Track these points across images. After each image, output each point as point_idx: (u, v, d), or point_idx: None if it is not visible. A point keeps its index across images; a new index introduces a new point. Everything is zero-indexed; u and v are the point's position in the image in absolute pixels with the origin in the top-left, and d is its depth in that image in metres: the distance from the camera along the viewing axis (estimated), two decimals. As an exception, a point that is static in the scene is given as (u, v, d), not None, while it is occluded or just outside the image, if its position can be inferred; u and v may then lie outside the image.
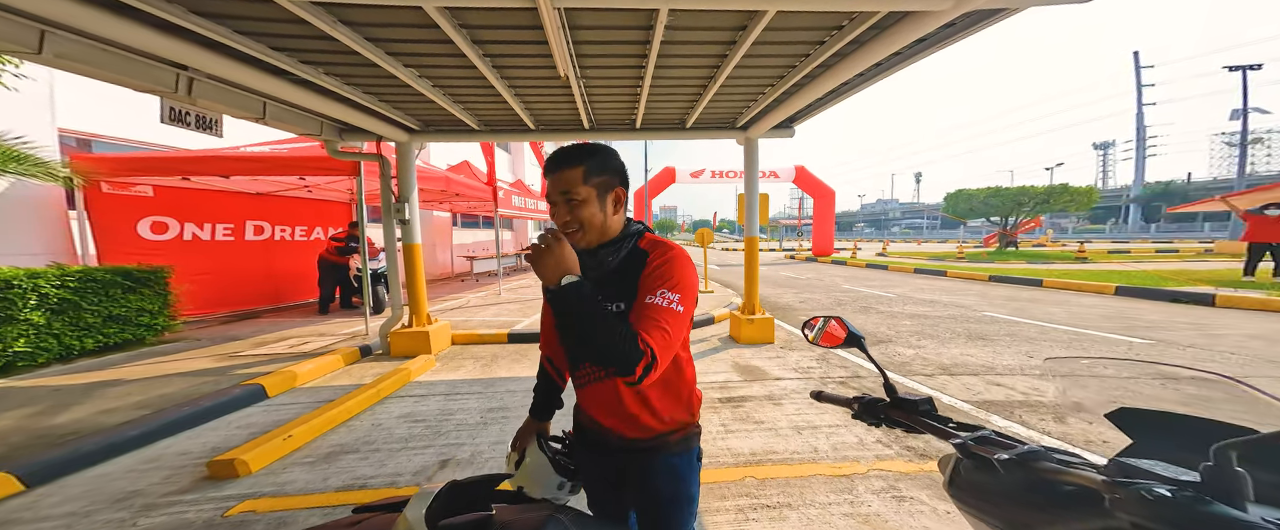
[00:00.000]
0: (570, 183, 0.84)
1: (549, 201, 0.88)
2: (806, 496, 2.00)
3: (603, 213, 0.87)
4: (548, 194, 0.87)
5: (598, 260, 0.90)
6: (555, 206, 0.87)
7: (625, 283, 0.86)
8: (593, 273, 0.90)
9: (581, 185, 0.84)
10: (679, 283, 0.82)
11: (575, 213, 0.85)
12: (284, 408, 3.12)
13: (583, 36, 2.53)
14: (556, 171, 0.85)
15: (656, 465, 0.93)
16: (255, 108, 3.03)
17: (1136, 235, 38.98)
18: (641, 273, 0.85)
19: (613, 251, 0.90)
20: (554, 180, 0.85)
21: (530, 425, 1.09)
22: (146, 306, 4.39)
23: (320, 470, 2.32)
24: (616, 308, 0.86)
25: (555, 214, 0.87)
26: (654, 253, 0.88)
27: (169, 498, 2.06)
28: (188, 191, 5.59)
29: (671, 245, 0.88)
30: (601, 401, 0.94)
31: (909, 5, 1.93)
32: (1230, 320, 5.17)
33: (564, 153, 0.86)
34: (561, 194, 0.85)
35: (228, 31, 2.18)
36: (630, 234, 0.92)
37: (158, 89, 2.42)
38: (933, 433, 0.76)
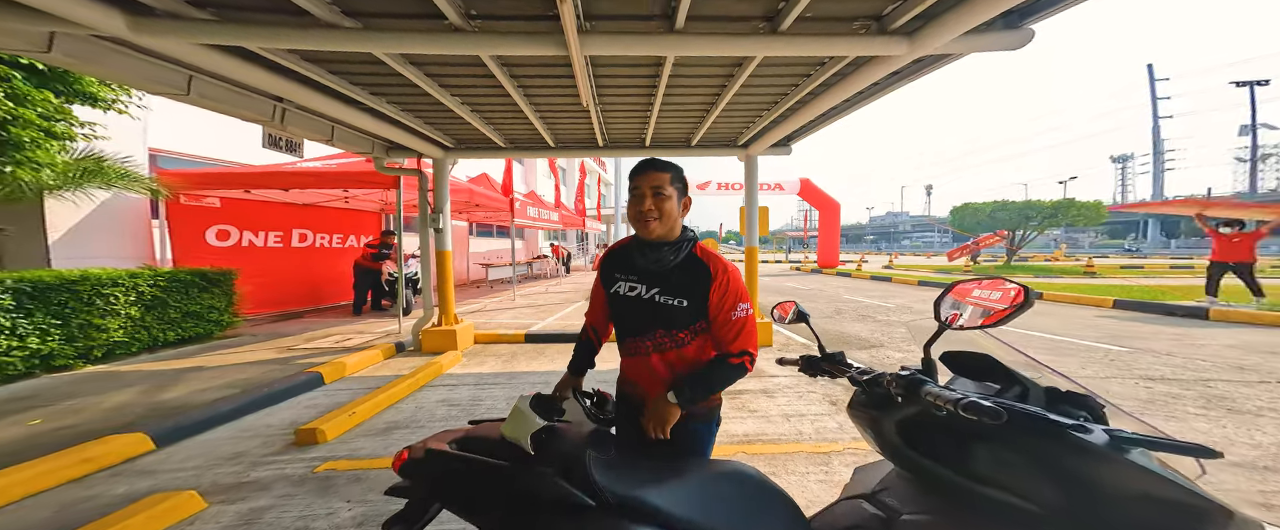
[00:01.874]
0: (662, 181, 1.09)
1: (634, 194, 1.10)
2: (789, 468, 2.34)
3: (677, 211, 1.11)
4: (635, 188, 1.10)
5: (659, 255, 1.12)
6: (641, 198, 1.09)
7: (686, 283, 1.10)
8: (653, 265, 1.12)
9: (669, 185, 1.09)
10: (743, 293, 1.12)
11: (660, 203, 1.08)
12: (340, 392, 3.59)
13: (603, 73, 3.03)
14: (650, 172, 1.09)
15: (684, 428, 1.12)
16: (326, 131, 3.61)
17: (1156, 250, 38.05)
18: (710, 287, 1.09)
19: (673, 251, 1.12)
20: (646, 178, 1.09)
21: (568, 379, 1.29)
22: (216, 304, 4.97)
23: (381, 440, 2.75)
24: (679, 303, 1.09)
25: (638, 204, 1.09)
26: (713, 269, 1.10)
27: (268, 457, 2.51)
28: (246, 203, 6.25)
29: (725, 263, 1.12)
30: (642, 372, 1.17)
31: (871, 51, 2.33)
32: (1216, 333, 5.36)
33: (655, 160, 1.12)
34: (652, 188, 1.08)
35: (322, 71, 2.73)
36: (686, 239, 1.14)
37: (260, 118, 2.99)
38: (841, 374, 1.17)
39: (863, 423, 1.06)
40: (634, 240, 1.20)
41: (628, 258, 1.20)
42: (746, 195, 5.15)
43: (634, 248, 1.18)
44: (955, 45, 2.24)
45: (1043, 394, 0.86)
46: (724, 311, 1.11)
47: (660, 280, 1.14)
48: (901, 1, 2.13)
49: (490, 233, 14.68)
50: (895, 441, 0.96)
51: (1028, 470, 0.77)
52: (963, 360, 1.03)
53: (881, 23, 2.28)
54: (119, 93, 4.10)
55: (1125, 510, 0.71)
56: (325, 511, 1.98)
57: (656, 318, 1.14)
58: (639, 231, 1.15)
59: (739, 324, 1.11)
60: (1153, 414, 2.96)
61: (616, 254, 1.25)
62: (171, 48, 2.09)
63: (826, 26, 2.31)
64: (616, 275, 1.21)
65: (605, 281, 1.25)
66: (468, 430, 1.09)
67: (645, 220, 1.11)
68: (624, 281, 1.19)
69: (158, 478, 2.28)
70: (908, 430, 0.93)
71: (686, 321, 1.13)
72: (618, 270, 1.21)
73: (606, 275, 1.24)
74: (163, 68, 2.44)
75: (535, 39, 2.23)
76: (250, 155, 6.62)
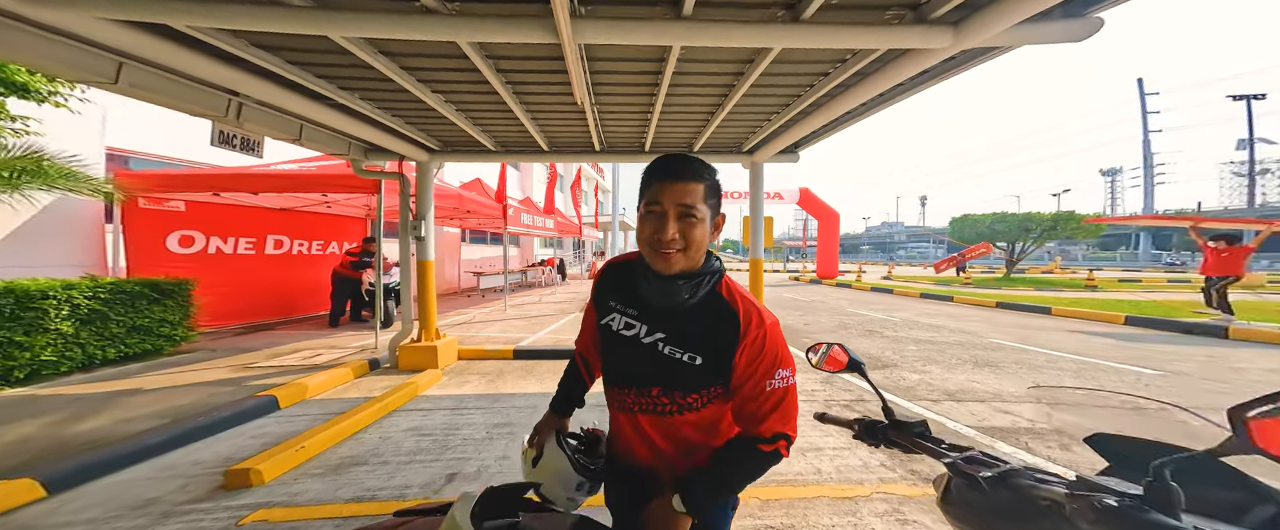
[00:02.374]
0: (694, 197, 0.73)
1: (650, 211, 0.75)
2: (810, 519, 2.00)
3: (705, 238, 0.77)
4: (653, 202, 0.75)
5: (672, 290, 0.79)
6: (659, 219, 0.74)
7: (704, 333, 0.79)
8: (660, 299, 0.80)
9: (702, 203, 0.74)
10: (785, 356, 0.78)
11: (688, 231, 0.74)
12: (295, 419, 3.18)
13: (599, 67, 2.72)
14: (677, 181, 0.73)
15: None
16: (293, 130, 3.25)
17: (1147, 263, 38.40)
18: (738, 345, 0.77)
19: (691, 287, 0.79)
20: (672, 190, 0.73)
21: (550, 420, 1.02)
22: (168, 317, 4.53)
23: (331, 481, 2.36)
24: (690, 359, 0.78)
25: (655, 227, 0.74)
26: (745, 319, 0.78)
27: (185, 505, 2.11)
28: (217, 206, 5.85)
29: (761, 310, 0.80)
30: (629, 435, 0.89)
31: (908, 43, 2.04)
32: (1247, 355, 5.09)
33: (686, 162, 0.75)
34: (680, 207, 0.73)
35: (280, 61, 2.39)
36: (711, 271, 0.81)
37: (211, 113, 2.63)
38: (927, 453, 0.82)
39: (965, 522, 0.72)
40: (642, 262, 0.84)
41: (629, 282, 0.88)
42: (751, 204, 4.85)
43: (640, 273, 0.84)
44: (1007, 36, 1.95)
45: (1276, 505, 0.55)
46: (756, 379, 0.77)
47: (667, 323, 0.82)
48: (943, -14, 1.85)
49: (484, 239, 14.34)
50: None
51: None
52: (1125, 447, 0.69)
53: (919, 11, 2.00)
54: (57, 85, 3.72)
55: None
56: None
57: (657, 372, 0.82)
58: (654, 264, 0.79)
59: (777, 397, 0.77)
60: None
61: (616, 273, 0.93)
62: (72, 23, 1.75)
63: (855, 15, 2.02)
64: (612, 304, 0.90)
65: (599, 307, 0.94)
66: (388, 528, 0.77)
67: (665, 252, 0.76)
68: (620, 314, 0.88)
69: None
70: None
71: (697, 384, 0.81)
72: (616, 296, 0.90)
73: (600, 300, 0.94)
74: (83, 51, 2.09)
75: (521, 23, 1.93)
76: (229, 156, 6.24)
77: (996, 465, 0.71)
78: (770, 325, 0.80)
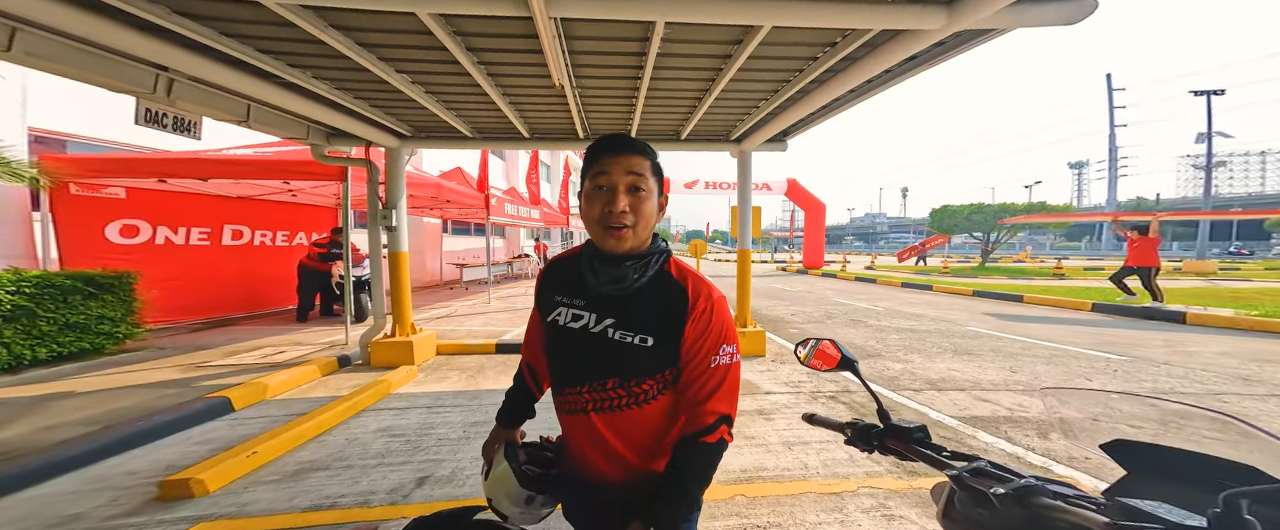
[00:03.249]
0: (642, 169, 0.74)
1: (598, 187, 0.75)
2: (797, 516, 1.95)
3: (653, 213, 0.77)
4: (601, 174, 0.74)
5: (620, 273, 0.78)
6: (610, 193, 0.74)
7: (654, 313, 0.77)
8: (609, 286, 0.78)
9: (649, 176, 0.75)
10: (730, 332, 0.79)
11: (638, 205, 0.74)
12: (251, 422, 2.96)
13: (579, 46, 2.53)
14: (623, 154, 0.74)
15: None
16: (239, 111, 2.95)
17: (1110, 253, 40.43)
18: (686, 321, 0.76)
19: (639, 268, 0.79)
20: (618, 163, 0.74)
21: (497, 433, 1.01)
22: (108, 314, 4.16)
23: (287, 489, 2.18)
24: (641, 342, 0.76)
25: (608, 201, 0.74)
26: (693, 295, 0.78)
27: (113, 521, 1.91)
28: (163, 194, 5.39)
29: (709, 287, 0.80)
30: (583, 438, 0.83)
31: (901, 24, 1.96)
32: (1202, 340, 5.33)
33: (630, 139, 0.77)
34: (630, 176, 0.73)
35: (212, 33, 2.13)
36: (657, 251, 0.81)
37: (134, 89, 2.33)
38: (927, 462, 0.73)
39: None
40: (586, 250, 0.84)
41: (575, 274, 0.85)
42: (739, 194, 4.75)
43: (585, 261, 0.83)
44: (1002, 18, 1.88)
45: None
46: (702, 355, 0.77)
47: (616, 308, 0.79)
48: (939, -41, 1.74)
49: (468, 230, 13.91)
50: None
51: None
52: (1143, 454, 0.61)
53: (914, -14, 1.88)
54: None
55: None
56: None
57: (609, 361, 0.79)
58: (603, 243, 0.78)
59: (721, 374, 0.77)
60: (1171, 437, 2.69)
61: (560, 268, 0.89)
62: None
63: (848, -11, 1.90)
64: (558, 298, 0.85)
65: (542, 304, 0.90)
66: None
67: (617, 228, 0.75)
68: (567, 307, 0.84)
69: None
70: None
71: (650, 367, 0.78)
72: (560, 291, 0.86)
73: (545, 297, 0.89)
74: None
75: (487, -9, 1.74)
76: (174, 141, 5.75)
77: (1008, 479, 0.62)
78: (717, 300, 0.79)
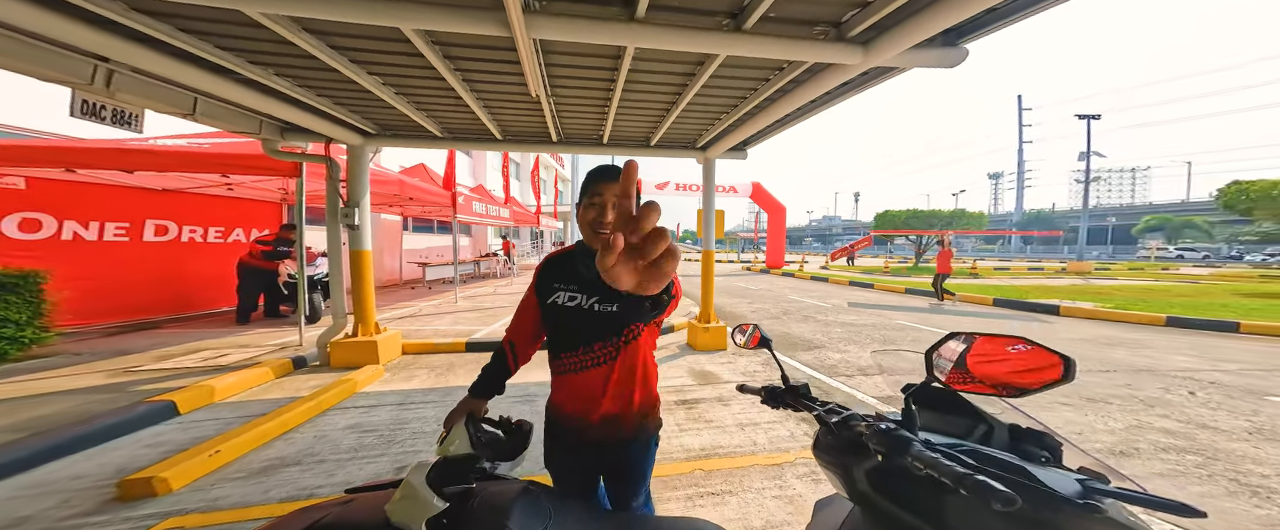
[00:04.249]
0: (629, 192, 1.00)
1: (592, 203, 1.01)
2: (745, 484, 2.26)
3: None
4: (593, 196, 1.01)
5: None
6: (600, 208, 1.00)
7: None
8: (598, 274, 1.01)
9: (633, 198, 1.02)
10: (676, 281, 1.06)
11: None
12: (202, 424, 2.84)
13: (555, 61, 2.71)
14: (613, 181, 1.01)
15: (630, 454, 1.11)
16: (184, 103, 2.80)
17: (1016, 255, 46.37)
18: None
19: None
20: (609, 187, 1.01)
21: (465, 403, 1.12)
22: (11, 317, 3.71)
23: (258, 484, 2.18)
24: (612, 308, 1.03)
25: (598, 213, 1.01)
26: None
27: (71, 521, 1.85)
28: (72, 184, 4.81)
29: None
30: (578, 390, 1.08)
31: (829, 58, 2.34)
32: (1066, 326, 6.54)
33: (616, 169, 1.02)
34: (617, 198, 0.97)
35: (169, 29, 2.07)
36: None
37: (70, 80, 2.18)
38: (806, 409, 1.04)
39: (830, 468, 0.95)
40: (578, 248, 1.12)
41: (570, 266, 1.11)
42: (704, 198, 5.10)
43: (578, 257, 1.11)
44: (902, 58, 2.31)
45: (1006, 433, 0.83)
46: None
47: (602, 289, 1.06)
48: (858, 10, 2.13)
49: (430, 228, 13.26)
50: (865, 490, 0.85)
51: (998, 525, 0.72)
52: (928, 395, 0.95)
53: (840, 29, 2.27)
54: None
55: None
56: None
57: (597, 326, 1.06)
58: (594, 243, 1.05)
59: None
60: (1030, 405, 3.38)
61: (557, 263, 1.15)
62: None
63: (788, 29, 2.26)
64: (556, 285, 1.11)
65: (541, 292, 1.14)
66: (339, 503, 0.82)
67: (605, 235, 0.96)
68: (564, 291, 1.10)
69: None
70: (879, 479, 0.83)
71: (622, 323, 1.06)
72: (557, 280, 1.12)
73: (543, 286, 1.14)
74: None
75: (472, 15, 1.89)
76: (80, 126, 5.12)
77: (841, 413, 0.94)
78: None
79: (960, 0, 1.84)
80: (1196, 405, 3.39)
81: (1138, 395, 3.62)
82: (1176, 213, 42.98)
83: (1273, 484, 2.28)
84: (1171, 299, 8.59)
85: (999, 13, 2.13)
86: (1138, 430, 2.93)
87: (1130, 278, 15.76)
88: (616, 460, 1.12)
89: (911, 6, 2.02)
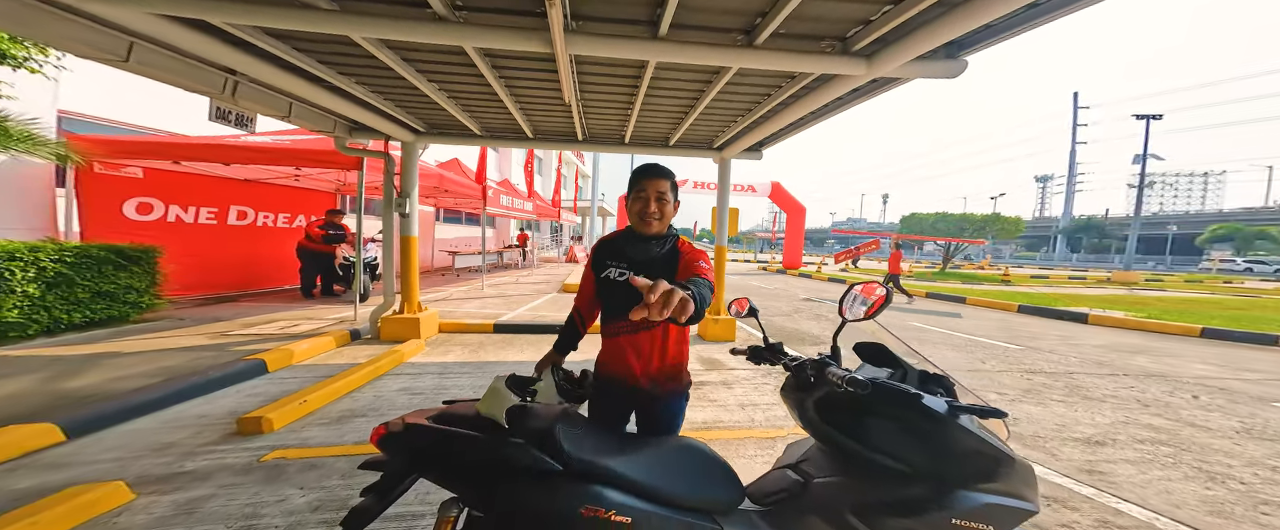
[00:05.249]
0: (666, 188, 1.28)
1: (638, 196, 1.27)
2: (741, 451, 2.53)
3: (671, 213, 1.33)
4: (641, 191, 1.26)
5: (648, 247, 1.31)
6: (645, 201, 1.26)
7: (669, 268, 1.28)
8: (641, 255, 1.30)
9: (669, 192, 1.29)
10: (704, 255, 1.31)
11: (662, 207, 1.28)
12: (286, 381, 3.38)
13: (587, 71, 3.07)
14: (655, 178, 1.26)
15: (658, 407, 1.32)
16: (283, 107, 3.36)
17: (1061, 263, 43.53)
18: (680, 259, 1.28)
19: (660, 244, 1.32)
20: (652, 183, 1.26)
21: (551, 356, 1.43)
22: (134, 285, 4.46)
23: (336, 429, 2.65)
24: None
25: (645, 203, 1.26)
26: (686, 247, 1.32)
27: (205, 447, 2.35)
28: (176, 174, 5.61)
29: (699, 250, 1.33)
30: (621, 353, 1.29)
31: (835, 70, 2.55)
32: (1091, 334, 6.40)
33: (662, 168, 1.30)
34: (657, 193, 1.26)
35: (287, 48, 2.56)
36: (671, 235, 1.35)
37: (208, 91, 2.74)
38: (778, 362, 1.36)
39: (790, 403, 1.26)
40: (626, 233, 1.38)
41: (619, 247, 1.36)
42: (718, 196, 5.37)
43: (624, 240, 1.36)
44: (905, 70, 2.51)
45: (917, 375, 1.15)
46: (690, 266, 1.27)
47: (646, 268, 1.29)
48: (862, 26, 2.34)
49: (459, 219, 14.07)
50: (814, 417, 1.16)
51: (901, 437, 1.04)
52: (868, 350, 1.29)
53: (845, 44, 2.50)
54: (33, 50, 3.56)
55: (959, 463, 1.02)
56: (276, 499, 1.92)
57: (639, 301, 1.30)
58: (639, 228, 1.32)
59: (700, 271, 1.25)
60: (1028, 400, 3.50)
61: (610, 244, 1.40)
62: (121, 15, 1.89)
63: (797, 44, 2.49)
64: (608, 262, 1.35)
65: (597, 268, 1.38)
66: (442, 409, 1.16)
67: (649, 220, 1.29)
68: (614, 268, 1.34)
69: (73, 470, 2.09)
70: (822, 409, 1.14)
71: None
72: (609, 258, 1.36)
73: (598, 262, 1.37)
74: (101, 33, 2.18)
75: (521, 34, 2.24)
76: (181, 123, 5.93)
77: (799, 360, 1.25)
78: (702, 251, 1.31)
79: (957, 18, 2.01)
80: (1195, 408, 3.43)
81: (1139, 397, 3.68)
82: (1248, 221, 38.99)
83: (1235, 473, 2.40)
84: (1216, 311, 8.18)
85: (995, 29, 2.31)
86: (1123, 425, 3.04)
87: (1183, 290, 14.85)
88: (647, 412, 1.34)
89: (911, 24, 2.21)
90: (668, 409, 1.35)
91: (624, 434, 1.24)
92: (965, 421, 1.02)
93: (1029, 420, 3.10)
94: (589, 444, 1.03)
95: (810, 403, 1.16)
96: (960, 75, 2.57)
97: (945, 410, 1.01)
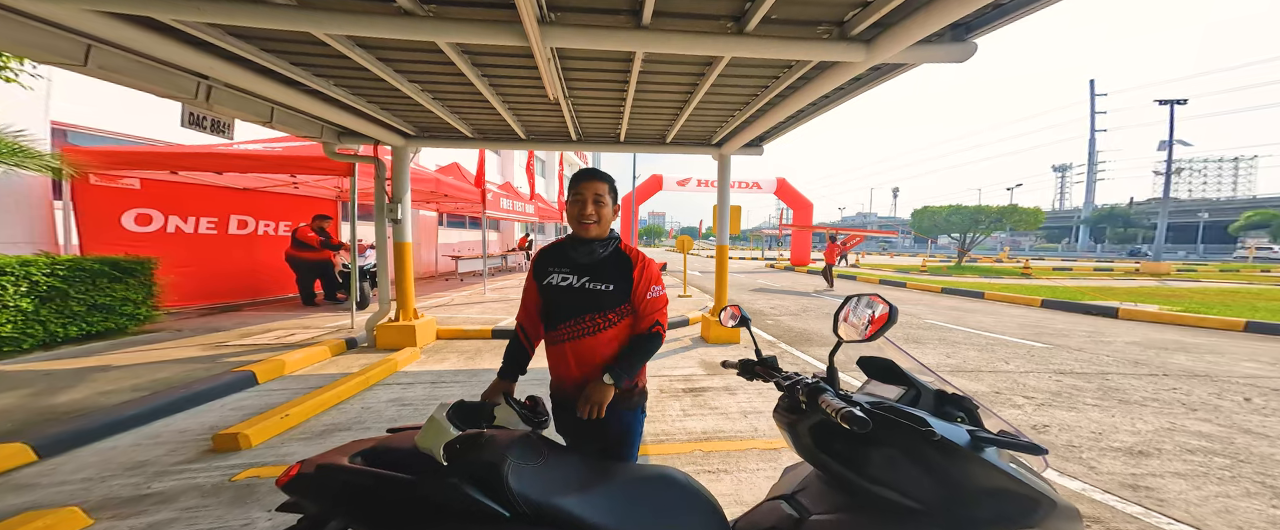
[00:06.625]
0: (602, 190, 1.28)
1: (576, 198, 1.26)
2: (742, 464, 2.39)
3: (610, 215, 1.31)
4: (578, 193, 1.26)
5: (590, 249, 1.28)
6: (583, 203, 1.25)
7: (613, 272, 1.27)
8: (585, 258, 1.28)
9: (607, 194, 1.29)
10: (657, 278, 1.34)
11: (599, 209, 1.27)
12: (275, 393, 3.32)
13: (571, 65, 2.92)
14: (591, 181, 1.26)
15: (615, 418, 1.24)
16: (263, 112, 3.28)
17: (1084, 254, 42.05)
18: (632, 274, 1.28)
19: (602, 245, 1.30)
20: (588, 185, 1.26)
21: (499, 385, 1.30)
22: (131, 296, 4.47)
23: (317, 444, 2.57)
24: (607, 288, 1.25)
25: (581, 207, 1.25)
26: (635, 260, 1.30)
27: (177, 466, 2.28)
28: (174, 185, 5.65)
29: (644, 256, 1.34)
30: (567, 358, 1.26)
31: (833, 56, 2.38)
32: (1122, 329, 6.00)
33: (596, 171, 1.29)
34: (594, 195, 1.26)
35: (254, 50, 2.47)
36: (613, 237, 1.34)
37: (179, 96, 2.67)
38: (770, 379, 1.19)
39: (783, 425, 1.10)
40: (568, 239, 1.35)
41: (561, 254, 1.34)
42: (719, 194, 5.19)
43: (568, 246, 1.33)
44: (908, 55, 2.31)
45: (933, 397, 0.97)
46: (641, 292, 1.30)
47: (591, 270, 1.28)
48: (861, 8, 2.16)
49: (462, 223, 14.14)
50: (808, 444, 0.99)
51: (909, 471, 0.86)
52: (875, 365, 1.12)
53: (842, 29, 2.32)
54: (7, 60, 3.56)
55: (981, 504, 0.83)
56: (241, 523, 1.83)
57: (587, 302, 1.27)
58: (579, 231, 1.30)
59: (655, 303, 1.31)
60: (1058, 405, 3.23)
61: (551, 252, 1.37)
62: (63, 15, 1.81)
63: (791, 30, 2.32)
64: (550, 269, 1.33)
65: (538, 276, 1.34)
66: (382, 439, 1.05)
67: (586, 223, 1.27)
68: (557, 274, 1.31)
69: (37, 493, 2.02)
70: (818, 434, 0.97)
71: (612, 303, 1.28)
72: (551, 265, 1.33)
73: (540, 271, 1.34)
74: (53, 35, 2.11)
75: (493, 28, 2.12)
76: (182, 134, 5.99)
77: (791, 378, 1.09)
78: (650, 263, 1.33)
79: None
80: (1248, 412, 3.13)
81: (1183, 400, 3.39)
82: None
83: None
84: (1259, 303, 7.66)
85: (1005, 7, 2.10)
86: (1167, 433, 2.78)
87: (1218, 280, 14.10)
88: (607, 425, 1.24)
89: (913, 4, 2.03)
90: (624, 422, 1.29)
91: (592, 464, 1.10)
92: (990, 453, 0.84)
93: (1061, 427, 2.86)
94: (544, 480, 0.91)
95: (804, 427, 1.00)
96: (969, 59, 2.35)
97: (967, 442, 0.83)
